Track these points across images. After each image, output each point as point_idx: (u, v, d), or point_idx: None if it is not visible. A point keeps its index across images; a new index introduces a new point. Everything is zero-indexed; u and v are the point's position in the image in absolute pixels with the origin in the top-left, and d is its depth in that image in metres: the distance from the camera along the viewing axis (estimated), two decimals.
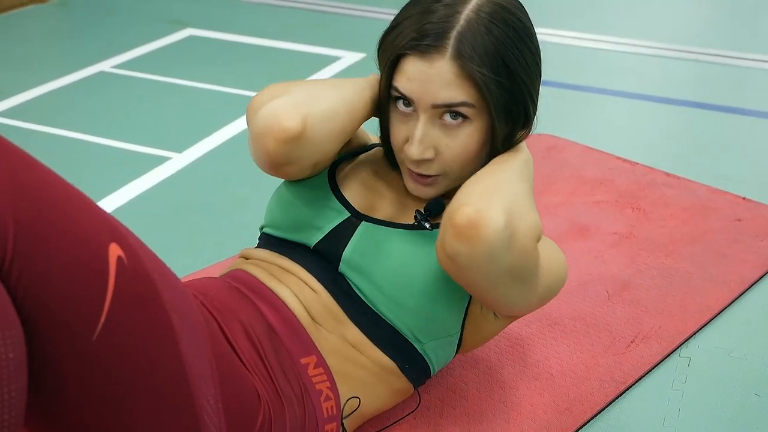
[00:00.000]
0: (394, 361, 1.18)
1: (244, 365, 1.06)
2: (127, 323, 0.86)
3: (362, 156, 1.30)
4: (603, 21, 3.66)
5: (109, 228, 0.87)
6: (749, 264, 1.77)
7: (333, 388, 1.13)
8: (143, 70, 2.91)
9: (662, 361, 1.48)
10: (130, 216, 1.95)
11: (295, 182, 1.24)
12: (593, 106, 2.73)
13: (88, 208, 0.87)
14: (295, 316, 1.14)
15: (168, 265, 0.96)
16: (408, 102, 1.13)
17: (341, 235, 1.18)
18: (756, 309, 1.64)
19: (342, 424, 1.15)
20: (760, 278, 1.73)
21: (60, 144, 2.34)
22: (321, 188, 1.23)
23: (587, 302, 1.63)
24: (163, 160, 2.24)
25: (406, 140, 1.15)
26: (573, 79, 2.91)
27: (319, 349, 1.14)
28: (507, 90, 1.11)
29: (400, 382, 1.20)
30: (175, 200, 2.04)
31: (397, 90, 1.14)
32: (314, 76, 2.86)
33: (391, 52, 1.13)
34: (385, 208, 1.22)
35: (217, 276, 1.26)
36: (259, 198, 2.05)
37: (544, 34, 3.40)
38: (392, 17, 1.18)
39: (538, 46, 1.16)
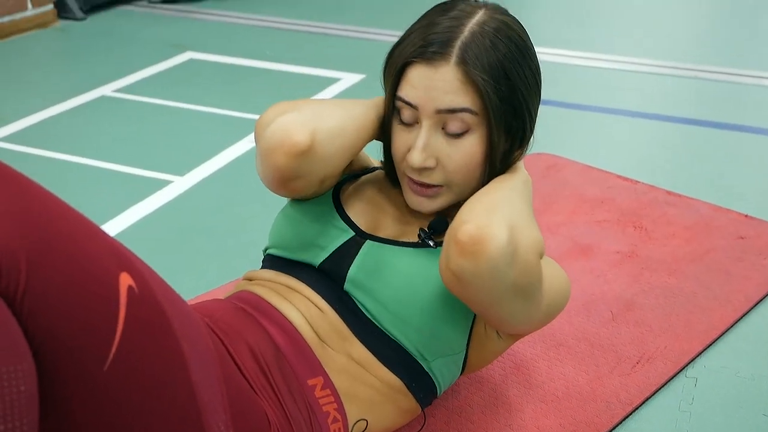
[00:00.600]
0: (401, 379, 1.18)
1: (253, 389, 1.06)
2: (137, 352, 0.86)
3: (365, 177, 1.32)
4: (601, 39, 3.67)
5: (119, 257, 0.87)
6: (753, 282, 1.76)
7: (340, 409, 1.13)
8: (144, 94, 2.92)
9: (668, 381, 1.47)
10: (132, 240, 1.95)
11: (300, 201, 1.26)
12: (592, 124, 2.73)
13: (97, 237, 0.87)
14: (302, 336, 1.14)
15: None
16: (411, 112, 1.15)
17: (346, 254, 1.19)
18: (762, 327, 1.64)
19: None
20: (765, 296, 1.73)
21: (62, 168, 2.34)
22: (325, 207, 1.24)
23: (591, 322, 1.62)
24: (164, 183, 2.24)
25: (408, 151, 1.16)
26: (572, 98, 2.92)
27: (325, 369, 1.14)
28: (508, 102, 1.14)
29: (407, 402, 1.20)
30: (178, 223, 2.04)
31: (401, 99, 1.16)
32: (314, 98, 2.87)
33: (398, 62, 1.16)
34: (389, 227, 1.23)
35: (222, 298, 1.26)
36: (262, 220, 2.05)
37: (542, 52, 3.40)
38: (391, 38, 1.20)
39: (539, 66, 1.19)
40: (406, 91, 1.15)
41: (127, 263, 0.87)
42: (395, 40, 1.20)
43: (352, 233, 1.21)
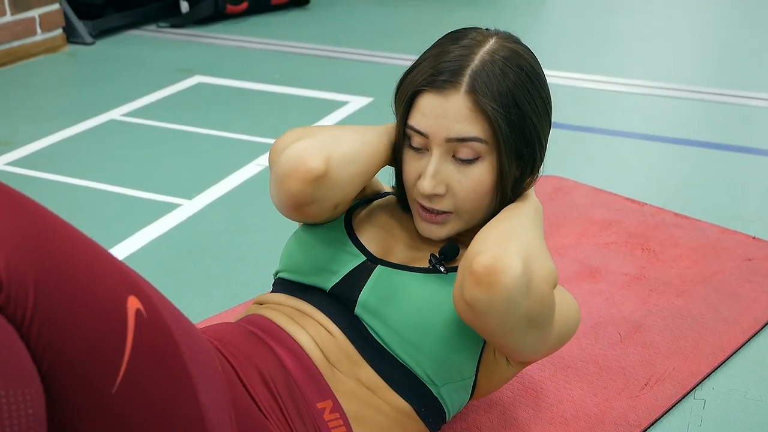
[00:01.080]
0: (410, 404, 1.18)
1: (262, 412, 1.06)
2: (146, 375, 0.86)
3: (377, 202, 1.33)
4: (609, 62, 3.68)
5: (128, 280, 0.88)
6: (762, 304, 1.76)
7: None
8: (153, 118, 2.94)
9: (677, 403, 1.47)
10: (141, 263, 1.96)
11: (312, 226, 1.27)
12: (600, 147, 2.74)
13: (105, 260, 0.88)
14: (311, 360, 1.15)
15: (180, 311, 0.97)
16: (422, 139, 1.16)
17: (357, 278, 1.20)
18: None
19: None
20: None
21: (71, 192, 2.35)
22: (338, 232, 1.25)
23: (600, 344, 1.62)
24: (173, 206, 2.25)
25: (419, 177, 1.18)
26: (579, 121, 2.93)
27: (335, 393, 1.14)
28: (518, 130, 1.15)
29: (416, 426, 1.20)
30: (186, 246, 2.05)
31: (412, 128, 1.17)
32: (322, 121, 2.89)
33: (408, 90, 1.18)
34: (400, 252, 1.24)
35: (232, 321, 1.27)
36: (270, 243, 2.06)
37: (550, 75, 3.41)
38: (399, 62, 1.22)
39: (550, 94, 1.20)
40: (416, 119, 1.16)
41: (135, 286, 0.88)
42: (403, 63, 1.22)
43: (363, 258, 1.21)
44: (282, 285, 1.28)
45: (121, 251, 2.01)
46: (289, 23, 4.27)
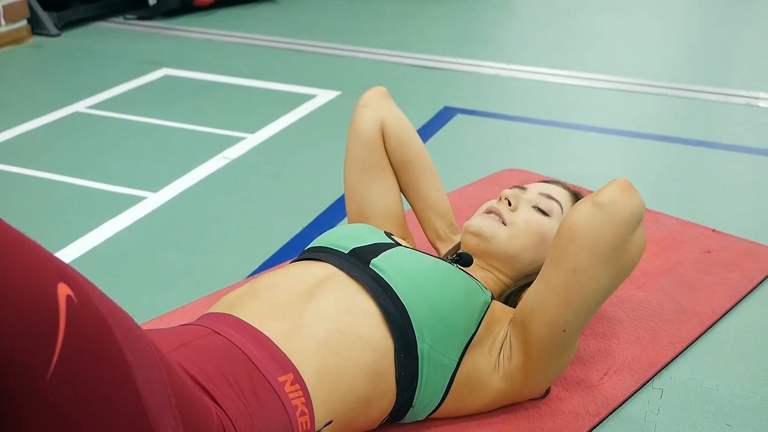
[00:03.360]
0: (394, 341, 1.23)
1: (209, 394, 1.07)
2: (80, 361, 0.86)
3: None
4: (573, 57, 3.72)
5: (56, 269, 0.87)
6: (720, 295, 1.79)
7: (308, 403, 1.16)
8: (118, 111, 2.92)
9: (635, 392, 1.50)
10: (105, 255, 1.95)
11: (362, 224, 1.52)
12: (563, 141, 2.77)
13: (32, 250, 0.87)
14: (268, 337, 1.18)
15: (143, 303, 0.97)
16: (518, 191, 1.50)
17: (380, 247, 1.35)
18: (727, 340, 1.66)
19: None
20: (731, 309, 1.76)
21: (34, 185, 2.34)
22: (380, 232, 1.44)
23: None
24: (138, 199, 2.24)
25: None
26: (542, 115, 2.95)
27: (296, 363, 1.16)
28: None
29: (386, 371, 1.23)
30: (151, 239, 2.05)
31: (517, 186, 1.53)
32: (290, 114, 2.89)
33: None
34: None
35: (193, 318, 1.29)
36: (235, 237, 2.06)
37: (516, 70, 3.47)
38: (367, 56, 1.30)
39: None
40: (524, 184, 1.53)
41: (65, 274, 0.88)
42: (372, 58, 1.31)
43: (392, 242, 1.40)
44: (302, 253, 1.41)
45: (84, 244, 2.00)
46: (258, 16, 4.26)
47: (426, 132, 2.74)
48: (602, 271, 1.22)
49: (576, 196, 1.53)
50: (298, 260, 1.41)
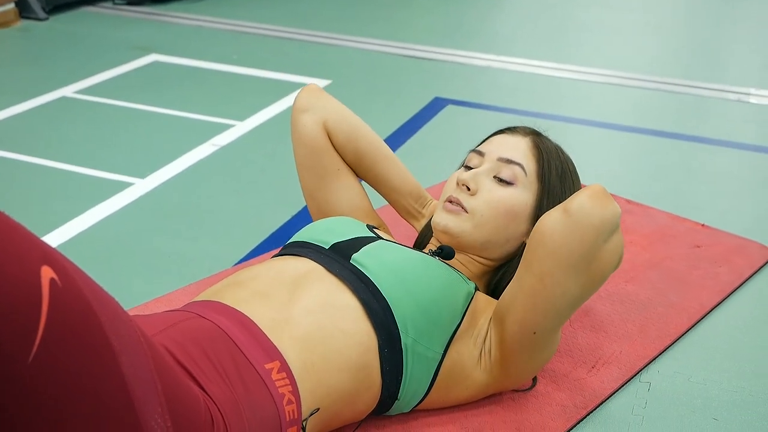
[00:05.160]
0: (377, 336, 1.22)
1: (196, 380, 1.06)
2: (63, 344, 0.85)
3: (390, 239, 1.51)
4: (563, 49, 3.71)
5: (40, 252, 0.86)
6: (708, 290, 1.79)
7: (295, 391, 1.15)
8: (106, 96, 2.90)
9: (623, 386, 1.49)
10: (91, 241, 1.94)
11: (341, 217, 1.49)
12: (553, 133, 2.74)
13: (16, 232, 0.86)
14: (255, 324, 1.17)
15: (129, 290, 0.96)
16: (478, 159, 1.43)
17: (360, 241, 1.34)
18: (714, 334, 1.66)
19: (303, 428, 1.16)
20: (719, 304, 1.76)
21: (21, 169, 2.32)
22: (360, 225, 1.42)
23: None
24: (125, 185, 2.22)
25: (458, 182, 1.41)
26: (533, 107, 2.95)
27: (282, 351, 1.16)
28: (554, 192, 1.41)
29: (371, 366, 1.22)
30: (138, 226, 2.03)
31: (475, 150, 1.46)
32: (279, 102, 2.87)
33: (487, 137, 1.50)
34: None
35: (179, 304, 1.28)
36: (222, 224, 2.05)
37: (508, 62, 3.46)
38: (358, 45, 1.29)
39: None
40: (481, 146, 1.47)
41: (49, 257, 0.86)
42: (363, 47, 1.29)
43: (373, 235, 1.38)
44: (283, 248, 1.40)
45: (70, 229, 1.98)
46: (249, 3, 4.23)
47: (416, 122, 2.73)
48: (570, 278, 1.18)
49: (538, 134, 1.47)
50: (279, 255, 1.39)
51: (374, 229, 1.44)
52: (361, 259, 1.28)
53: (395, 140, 2.57)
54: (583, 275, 1.18)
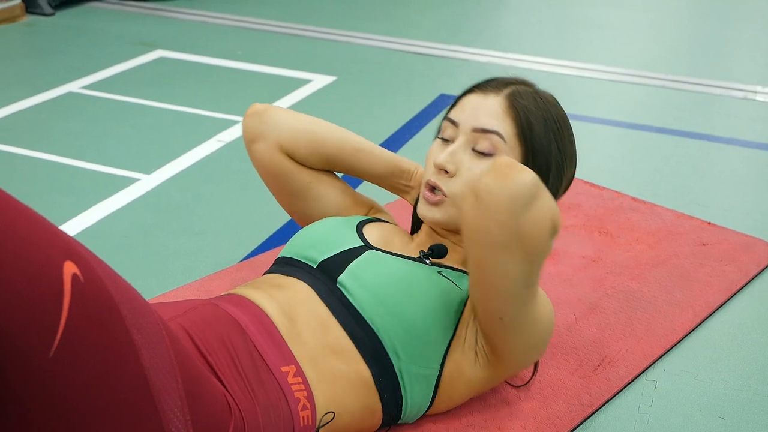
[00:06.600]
0: (370, 369, 1.21)
1: (217, 375, 1.07)
2: (84, 339, 0.85)
3: (388, 219, 1.52)
4: (568, 47, 3.70)
5: (64, 246, 0.87)
6: (714, 288, 1.79)
7: (310, 398, 1.15)
8: (112, 91, 2.90)
9: (629, 384, 1.49)
10: (98, 237, 1.94)
11: (328, 219, 1.43)
12: None
13: (40, 226, 0.86)
14: (275, 327, 1.18)
15: (135, 286, 0.96)
16: (452, 129, 1.31)
17: (348, 256, 1.29)
18: (721, 333, 1.66)
19: None
20: (725, 302, 1.75)
21: (27, 164, 2.32)
22: (347, 227, 1.37)
23: (555, 325, 1.63)
24: (131, 181, 2.23)
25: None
26: None
27: (297, 359, 1.16)
28: (540, 149, 1.30)
29: (370, 397, 1.22)
30: (144, 221, 2.03)
31: (448, 119, 1.33)
32: (285, 99, 2.87)
33: (458, 97, 1.36)
34: (395, 247, 1.36)
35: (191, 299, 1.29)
36: (229, 219, 2.04)
37: (513, 59, 3.45)
38: (363, 41, 1.27)
39: (575, 142, 1.36)
40: (454, 112, 1.33)
41: (72, 252, 0.87)
42: (368, 43, 1.28)
43: (361, 243, 1.32)
44: (274, 264, 1.36)
45: (76, 225, 1.98)
46: None
47: (422, 119, 2.72)
48: (504, 258, 1.10)
49: (513, 86, 1.33)
50: (270, 272, 1.36)
51: (364, 226, 1.39)
52: (346, 281, 1.24)
53: (401, 137, 2.57)
54: (517, 251, 1.10)
